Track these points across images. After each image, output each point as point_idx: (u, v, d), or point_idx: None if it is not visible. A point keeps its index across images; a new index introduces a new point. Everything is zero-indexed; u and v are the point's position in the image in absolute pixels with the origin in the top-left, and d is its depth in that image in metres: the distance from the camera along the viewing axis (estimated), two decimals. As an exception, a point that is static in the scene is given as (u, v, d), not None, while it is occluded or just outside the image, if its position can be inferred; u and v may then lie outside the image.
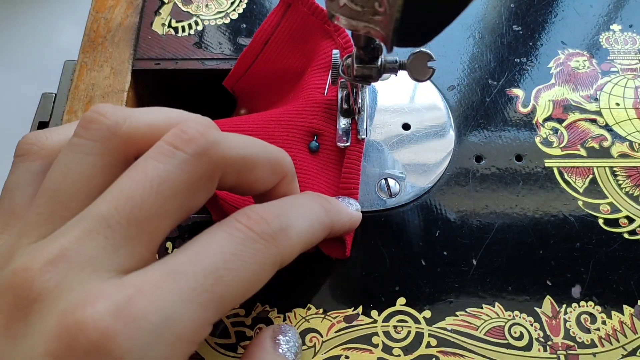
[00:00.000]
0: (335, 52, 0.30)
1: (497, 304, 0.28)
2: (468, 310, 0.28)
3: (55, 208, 0.19)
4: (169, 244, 0.30)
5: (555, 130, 0.33)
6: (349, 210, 0.27)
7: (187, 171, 0.19)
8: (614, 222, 0.30)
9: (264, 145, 0.22)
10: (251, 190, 0.23)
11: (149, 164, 0.18)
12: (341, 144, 0.31)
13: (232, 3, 0.39)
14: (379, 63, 0.27)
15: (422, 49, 0.26)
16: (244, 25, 0.38)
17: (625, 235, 0.30)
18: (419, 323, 0.27)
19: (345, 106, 0.32)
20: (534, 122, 0.34)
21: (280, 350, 0.24)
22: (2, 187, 0.22)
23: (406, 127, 0.34)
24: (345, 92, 0.33)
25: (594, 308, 0.28)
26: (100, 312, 0.16)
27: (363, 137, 0.31)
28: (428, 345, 0.27)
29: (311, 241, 0.23)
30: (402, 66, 0.27)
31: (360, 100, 0.32)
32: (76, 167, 0.19)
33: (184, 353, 0.18)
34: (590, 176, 0.32)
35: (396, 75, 0.28)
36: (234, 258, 0.19)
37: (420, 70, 0.27)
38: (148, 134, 0.20)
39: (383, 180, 0.32)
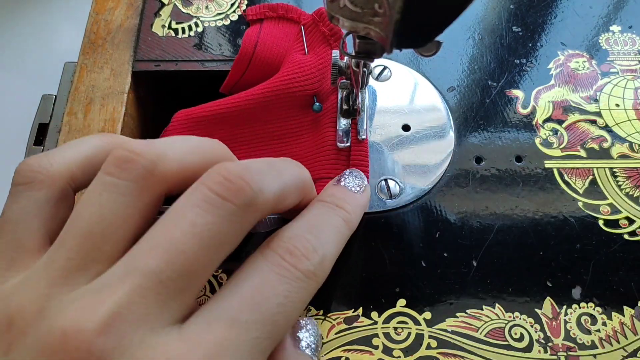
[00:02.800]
0: (335, 53, 0.30)
1: (497, 305, 0.28)
2: (468, 311, 0.28)
3: (88, 252, 0.18)
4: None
5: (555, 131, 0.33)
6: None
7: (235, 222, 0.19)
8: (614, 223, 0.30)
9: (293, 172, 0.23)
10: (278, 212, 0.23)
11: (196, 213, 0.18)
12: (341, 144, 0.31)
13: (232, 4, 0.39)
14: None
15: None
16: (244, 27, 0.38)
17: (626, 237, 0.30)
18: (419, 324, 0.27)
19: (345, 107, 0.32)
20: (533, 123, 0.34)
21: (302, 347, 0.23)
22: (0, 217, 0.20)
23: (406, 128, 0.34)
24: (345, 92, 0.33)
25: (594, 309, 0.28)
26: None
27: (363, 137, 0.31)
28: (428, 347, 0.27)
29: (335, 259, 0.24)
30: None
31: (359, 101, 0.32)
32: (112, 207, 0.19)
33: None
34: (590, 177, 0.32)
35: (400, 50, 0.27)
36: (286, 301, 0.19)
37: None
38: (180, 172, 0.20)
39: (383, 182, 0.32)
